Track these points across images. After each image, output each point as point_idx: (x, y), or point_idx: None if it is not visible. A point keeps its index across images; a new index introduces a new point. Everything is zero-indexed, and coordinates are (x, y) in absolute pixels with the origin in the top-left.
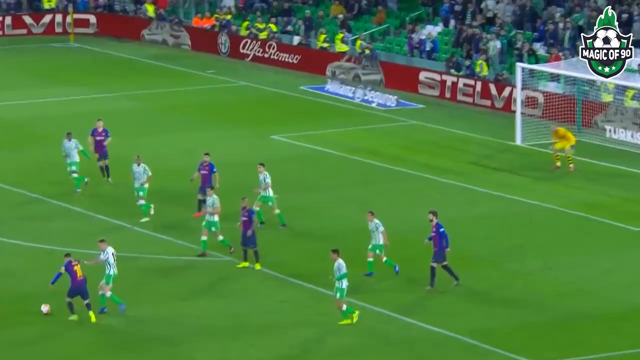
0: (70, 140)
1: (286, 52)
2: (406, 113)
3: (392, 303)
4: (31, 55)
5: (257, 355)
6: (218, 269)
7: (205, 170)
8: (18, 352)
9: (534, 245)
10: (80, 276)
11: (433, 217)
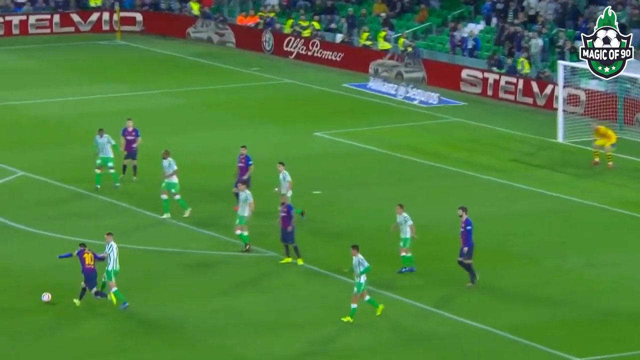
0: (102, 137)
1: (329, 50)
2: (448, 110)
3: (432, 298)
4: (78, 53)
5: (300, 350)
6: (261, 264)
7: (242, 162)
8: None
9: (575, 242)
10: (88, 264)
11: (462, 213)
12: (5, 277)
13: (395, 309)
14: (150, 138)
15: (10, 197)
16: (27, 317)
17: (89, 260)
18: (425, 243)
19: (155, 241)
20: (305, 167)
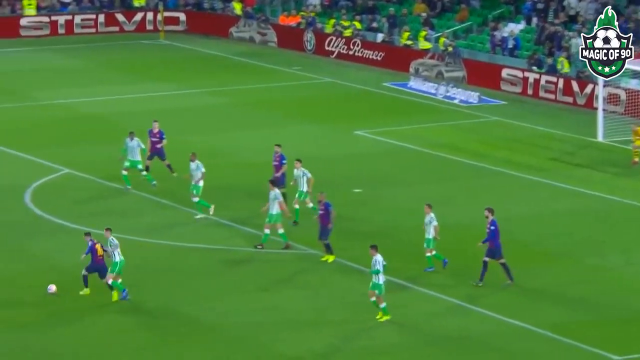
0: (132, 140)
1: (370, 49)
2: (488, 109)
3: (472, 297)
4: (122, 52)
5: (339, 347)
6: (299, 261)
7: (276, 161)
8: (110, 349)
9: (615, 241)
10: (100, 255)
11: (489, 214)
12: (50, 272)
13: (435, 307)
14: (193, 136)
15: (56, 194)
16: (71, 312)
17: (100, 252)
18: (465, 241)
19: (195, 238)
20: (345, 165)
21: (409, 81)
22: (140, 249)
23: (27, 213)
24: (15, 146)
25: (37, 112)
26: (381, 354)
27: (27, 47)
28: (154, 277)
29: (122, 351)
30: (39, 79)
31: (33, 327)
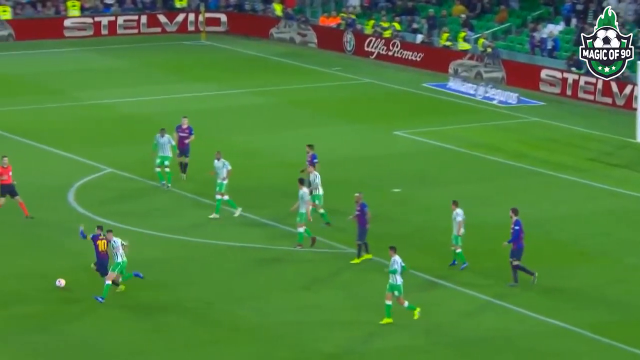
0: (163, 137)
1: (409, 50)
2: (527, 110)
3: (509, 297)
4: (165, 53)
5: (379, 346)
6: (338, 260)
7: (309, 161)
8: (154, 346)
9: None
10: (102, 250)
11: (512, 215)
12: (90, 270)
13: (471, 306)
14: (233, 136)
15: (98, 193)
16: (112, 310)
17: (102, 247)
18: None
19: (236, 237)
20: (384, 165)
21: (448, 82)
22: (183, 247)
23: (70, 212)
24: (59, 146)
25: (80, 112)
26: (421, 352)
27: (71, 47)
28: (195, 276)
29: (167, 349)
30: (82, 79)
31: (73, 323)
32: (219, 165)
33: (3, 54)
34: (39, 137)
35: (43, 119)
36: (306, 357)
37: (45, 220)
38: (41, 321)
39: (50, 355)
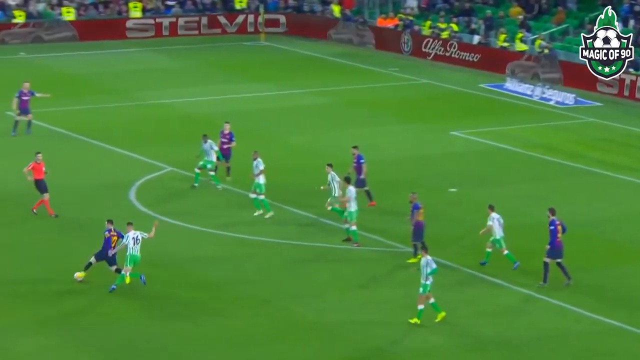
0: (206, 142)
1: (467, 51)
2: (583, 111)
3: (567, 297)
4: (225, 54)
5: (437, 343)
6: (394, 258)
7: (355, 162)
8: (213, 343)
9: None
10: (113, 246)
11: (549, 214)
12: (155, 267)
13: (528, 306)
14: (292, 136)
15: (159, 191)
16: (179, 306)
17: (113, 243)
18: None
19: (291, 235)
20: (441, 165)
21: (505, 82)
22: (245, 246)
23: (131, 209)
24: (121, 144)
25: (142, 112)
26: (475, 351)
27: (133, 48)
28: (252, 273)
29: (225, 347)
30: (144, 79)
31: (133, 321)
32: (254, 165)
33: (67, 54)
34: (101, 136)
35: (105, 119)
36: (363, 355)
37: (107, 217)
38: (105, 318)
39: (111, 351)
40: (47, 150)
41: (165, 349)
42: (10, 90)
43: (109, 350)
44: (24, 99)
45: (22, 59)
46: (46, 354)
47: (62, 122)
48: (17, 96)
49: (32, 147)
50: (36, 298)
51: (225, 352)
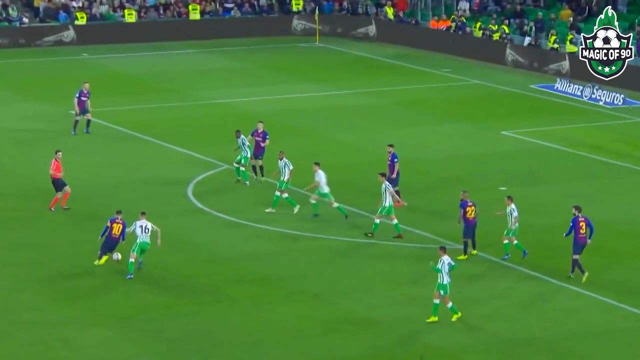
0: (238, 137)
1: (518, 53)
2: (633, 111)
3: (615, 294)
4: (280, 54)
5: (485, 339)
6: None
7: (389, 161)
8: (268, 334)
9: None
10: (114, 233)
11: (575, 211)
12: (210, 263)
13: (580, 303)
14: (341, 134)
15: (215, 189)
16: (225, 302)
17: (116, 230)
18: (605, 239)
19: (342, 232)
20: (492, 163)
21: (555, 83)
22: (299, 242)
23: (189, 205)
24: (179, 143)
25: (200, 111)
26: (524, 346)
27: (192, 49)
28: (303, 269)
29: (277, 340)
30: (203, 79)
31: (192, 315)
32: (281, 165)
33: (128, 55)
34: (159, 134)
35: (163, 117)
36: (413, 349)
37: (165, 213)
38: (164, 311)
39: (172, 343)
40: (106, 147)
41: (223, 342)
42: (73, 90)
43: (170, 341)
44: (83, 99)
45: (84, 60)
46: (110, 345)
47: (121, 120)
48: (77, 96)
49: (93, 145)
50: (95, 292)
51: (278, 345)
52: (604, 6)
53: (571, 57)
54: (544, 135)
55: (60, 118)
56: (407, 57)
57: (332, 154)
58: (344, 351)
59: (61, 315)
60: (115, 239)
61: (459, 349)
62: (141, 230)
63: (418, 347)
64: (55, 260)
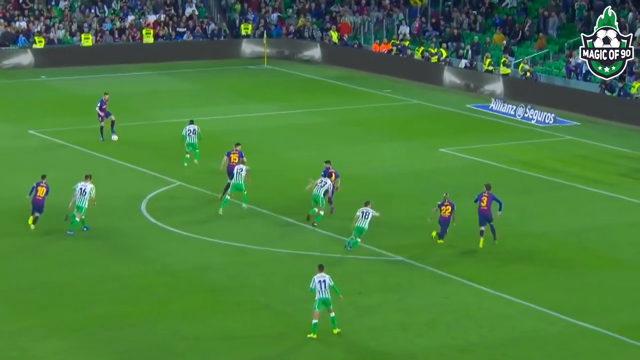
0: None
1: (455, 74)
2: (562, 129)
3: (545, 300)
4: (231, 76)
5: (425, 344)
6: (388, 266)
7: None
8: (218, 343)
9: None
10: (39, 195)
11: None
12: (163, 274)
13: (513, 310)
14: (295, 152)
15: (168, 204)
16: (185, 313)
17: (40, 192)
18: (539, 250)
19: (293, 245)
20: (432, 179)
21: (490, 103)
22: (247, 254)
23: (143, 220)
24: (133, 160)
25: (153, 130)
26: (462, 352)
27: (146, 71)
28: (255, 279)
29: (228, 346)
30: (156, 100)
31: (146, 324)
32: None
33: (84, 77)
34: (115, 153)
35: (118, 136)
36: (360, 357)
37: (120, 228)
38: (119, 322)
39: (127, 352)
40: (63, 165)
41: (176, 352)
42: (33, 110)
43: (125, 351)
44: (104, 107)
45: (43, 81)
46: (66, 356)
47: (78, 139)
48: (98, 106)
49: (50, 163)
50: (50, 303)
51: (229, 354)
52: (536, 31)
53: (505, 78)
54: (480, 152)
55: (19, 137)
56: (351, 79)
57: (281, 171)
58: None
59: (18, 326)
60: (39, 201)
61: (400, 354)
62: (80, 192)
63: (364, 355)
64: (11, 273)
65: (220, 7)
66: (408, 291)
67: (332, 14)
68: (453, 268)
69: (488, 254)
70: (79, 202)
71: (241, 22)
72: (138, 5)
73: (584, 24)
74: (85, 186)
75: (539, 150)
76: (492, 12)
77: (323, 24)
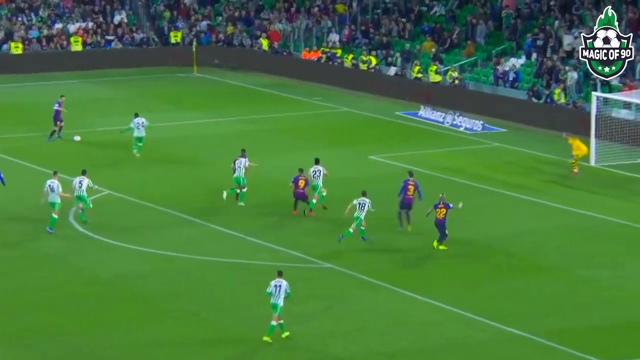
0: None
1: (384, 82)
2: (490, 136)
3: (473, 306)
4: (160, 84)
5: (356, 352)
6: (317, 273)
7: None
8: (148, 351)
9: (603, 254)
10: None
11: (408, 176)
12: (91, 284)
13: (440, 317)
14: (223, 160)
15: (96, 213)
16: (113, 322)
17: None
18: (464, 257)
19: (222, 253)
20: (360, 186)
21: (419, 110)
22: (175, 263)
23: (71, 230)
24: (61, 169)
25: (85, 138)
26: (394, 357)
27: (75, 79)
28: (182, 288)
29: (156, 357)
30: (85, 108)
31: (76, 333)
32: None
33: (13, 85)
34: (43, 162)
35: (47, 145)
36: None
37: (48, 237)
38: (49, 331)
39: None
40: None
41: (105, 359)
42: None
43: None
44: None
45: None
46: None
47: (5, 147)
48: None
49: None
50: None
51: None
52: (464, 39)
53: (434, 86)
54: (409, 159)
55: None
56: (281, 86)
57: (213, 179)
58: None
59: None
60: None
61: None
62: (50, 189)
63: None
64: None
65: (150, 15)
66: (338, 298)
67: (262, 22)
68: (382, 275)
69: (416, 260)
70: (52, 198)
71: (170, 30)
72: (66, 12)
73: (511, 32)
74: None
75: (467, 157)
76: (421, 19)
77: (253, 32)
